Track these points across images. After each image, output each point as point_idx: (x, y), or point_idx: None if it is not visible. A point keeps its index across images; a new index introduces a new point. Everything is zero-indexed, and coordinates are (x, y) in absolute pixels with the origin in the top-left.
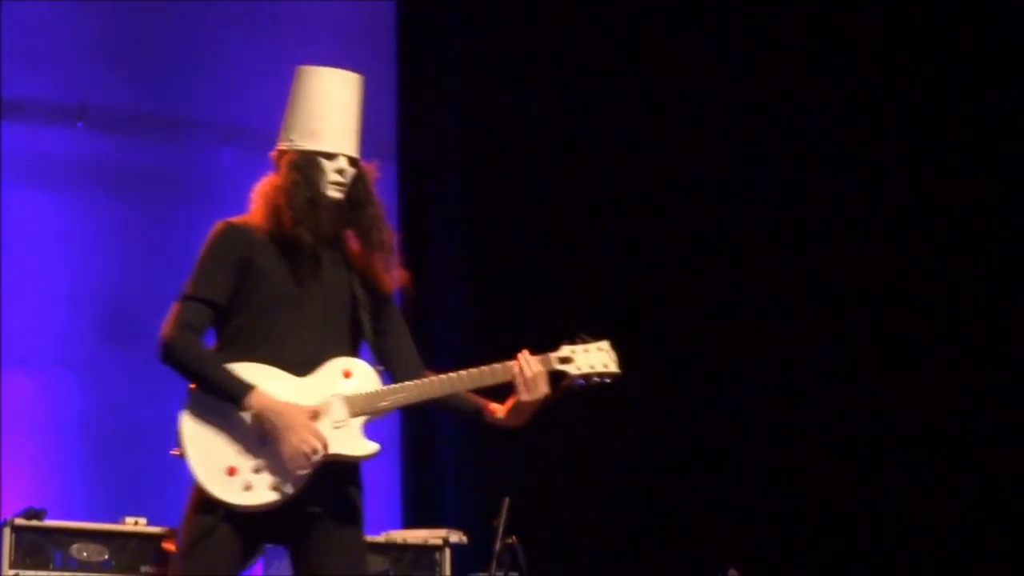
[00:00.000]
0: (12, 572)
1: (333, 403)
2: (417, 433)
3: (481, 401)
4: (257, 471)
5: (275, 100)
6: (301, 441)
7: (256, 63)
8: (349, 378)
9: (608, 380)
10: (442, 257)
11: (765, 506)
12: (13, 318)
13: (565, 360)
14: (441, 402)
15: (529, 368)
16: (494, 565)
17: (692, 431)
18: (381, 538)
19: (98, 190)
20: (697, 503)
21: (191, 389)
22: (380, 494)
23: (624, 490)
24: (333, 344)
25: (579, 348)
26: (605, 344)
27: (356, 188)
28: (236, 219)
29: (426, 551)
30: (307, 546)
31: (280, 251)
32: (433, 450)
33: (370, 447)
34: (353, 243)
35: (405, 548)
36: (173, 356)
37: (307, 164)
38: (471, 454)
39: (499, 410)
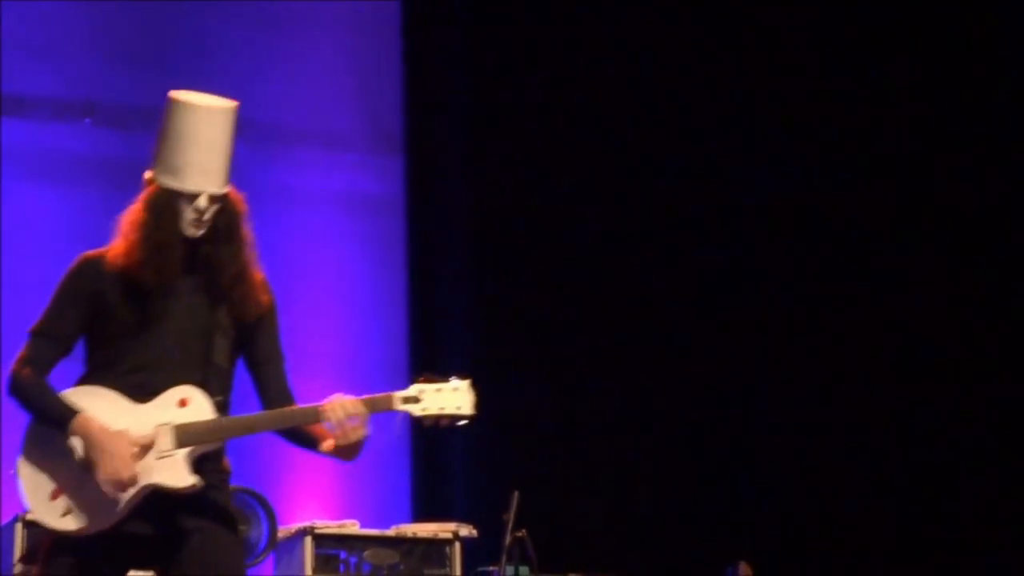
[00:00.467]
0: None
1: (160, 433)
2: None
3: (318, 433)
4: (79, 497)
5: (282, 94)
6: (113, 471)
7: (262, 57)
8: (184, 407)
9: (458, 423)
10: (449, 249)
11: (776, 499)
12: (18, 315)
13: (411, 400)
14: (287, 432)
15: (337, 414)
16: (504, 558)
17: (702, 424)
18: (391, 532)
19: (106, 186)
20: (708, 496)
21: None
22: (390, 488)
23: (634, 482)
24: (182, 372)
25: (430, 388)
26: (462, 384)
27: (219, 221)
28: (94, 252)
29: (436, 544)
30: (176, 568)
31: (129, 285)
32: (443, 444)
33: (188, 479)
34: (209, 272)
35: (415, 542)
36: (13, 390)
37: (163, 205)
38: (481, 448)
39: (331, 446)
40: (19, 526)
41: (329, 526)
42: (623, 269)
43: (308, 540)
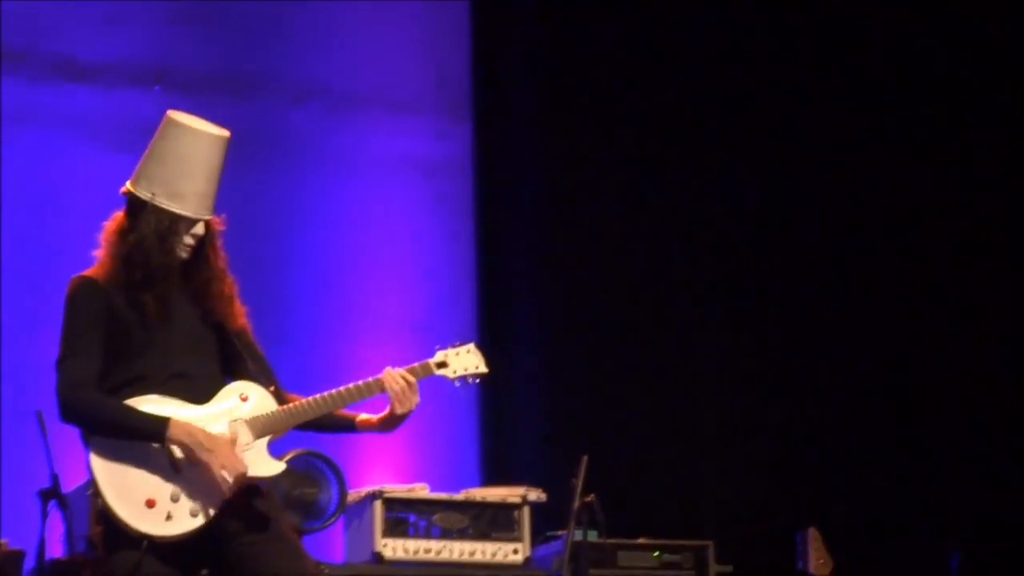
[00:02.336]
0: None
1: (236, 428)
2: (495, 392)
3: (349, 412)
4: (175, 499)
5: (350, 59)
6: (223, 466)
7: (331, 23)
8: (246, 401)
9: (478, 380)
10: (516, 212)
11: (846, 465)
12: None
13: (441, 365)
14: (316, 422)
15: (398, 383)
16: (572, 523)
17: (773, 389)
18: (460, 496)
19: None
20: (777, 461)
21: (90, 438)
22: (459, 453)
23: (703, 447)
24: (214, 373)
25: (451, 352)
26: (472, 346)
27: (203, 244)
28: (88, 273)
29: (505, 509)
30: (238, 563)
31: (134, 304)
32: (511, 408)
33: (277, 467)
34: (198, 289)
35: (484, 506)
36: (75, 413)
37: (169, 229)
38: (550, 412)
39: (372, 421)
40: (379, 503)
41: (398, 490)
42: (695, 230)
43: (378, 504)
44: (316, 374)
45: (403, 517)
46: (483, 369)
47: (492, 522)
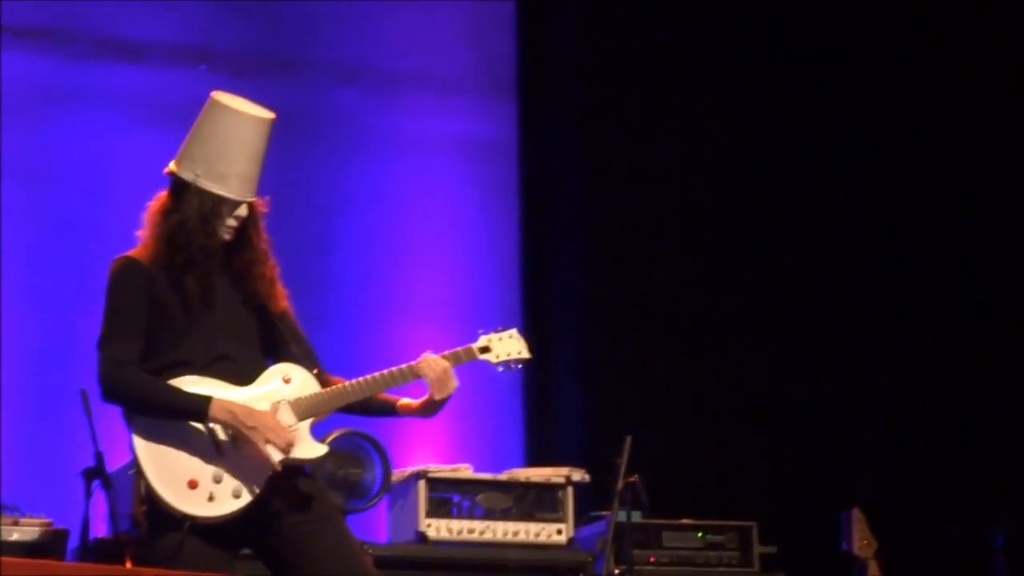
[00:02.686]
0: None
1: (279, 408)
2: (539, 373)
3: (390, 397)
4: (217, 480)
5: (397, 39)
6: (268, 440)
7: (377, 2)
8: (289, 383)
9: (520, 365)
10: (561, 194)
11: (891, 446)
12: None
13: (484, 350)
14: (358, 405)
15: (435, 369)
16: (616, 503)
17: (817, 369)
18: (504, 476)
19: None
20: (821, 442)
21: (134, 417)
22: (503, 433)
23: (747, 428)
24: (257, 355)
25: (495, 337)
26: (514, 331)
27: (246, 226)
28: (131, 253)
29: (549, 489)
30: (282, 544)
31: (176, 285)
32: (556, 389)
33: (320, 449)
34: (240, 270)
35: (528, 486)
36: (118, 392)
37: (212, 211)
38: (594, 392)
39: (412, 405)
40: (422, 483)
41: (442, 470)
42: (739, 215)
43: (422, 484)
44: (359, 356)
45: (447, 497)
46: (525, 355)
47: (536, 502)
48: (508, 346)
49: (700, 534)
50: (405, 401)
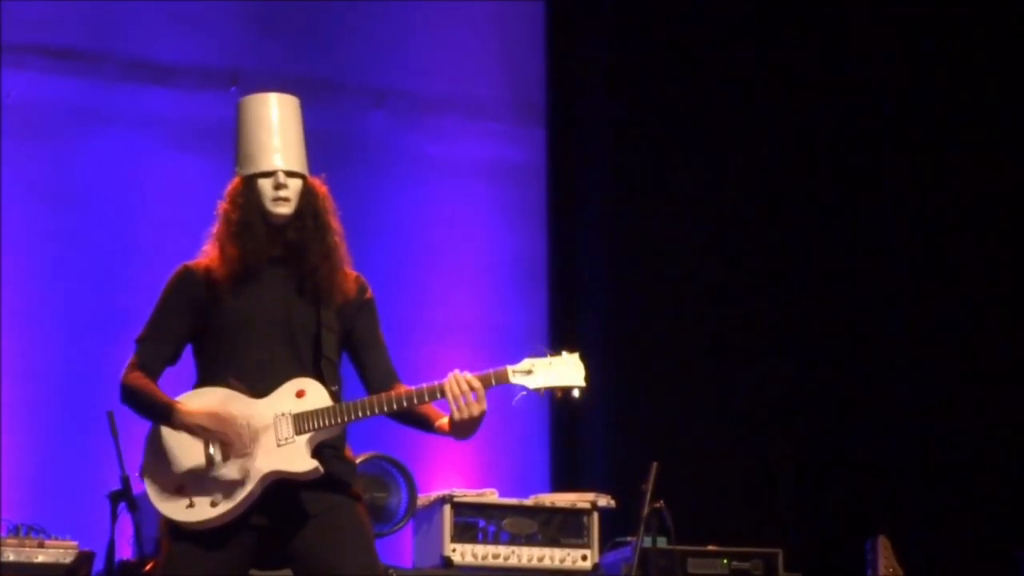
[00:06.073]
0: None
1: (279, 421)
2: (565, 397)
3: (432, 413)
4: (201, 488)
5: (426, 61)
6: (233, 437)
7: (405, 25)
8: (302, 397)
9: (575, 394)
10: (589, 218)
11: (916, 473)
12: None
13: (525, 373)
14: (399, 414)
15: (456, 390)
16: (642, 529)
17: (841, 395)
18: (529, 501)
19: None
20: (847, 469)
21: None
22: (529, 458)
23: (773, 454)
24: (293, 364)
25: (542, 361)
26: (574, 357)
27: (304, 201)
28: (193, 262)
29: (574, 514)
30: (294, 553)
31: (232, 283)
32: (582, 414)
33: (309, 464)
34: (299, 255)
35: (553, 511)
36: (121, 394)
37: (245, 189)
38: (620, 418)
39: (445, 425)
40: (447, 507)
41: (468, 494)
42: (767, 240)
43: (447, 508)
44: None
45: (472, 522)
46: (579, 383)
47: (561, 528)
48: (559, 371)
49: (725, 560)
50: (443, 420)
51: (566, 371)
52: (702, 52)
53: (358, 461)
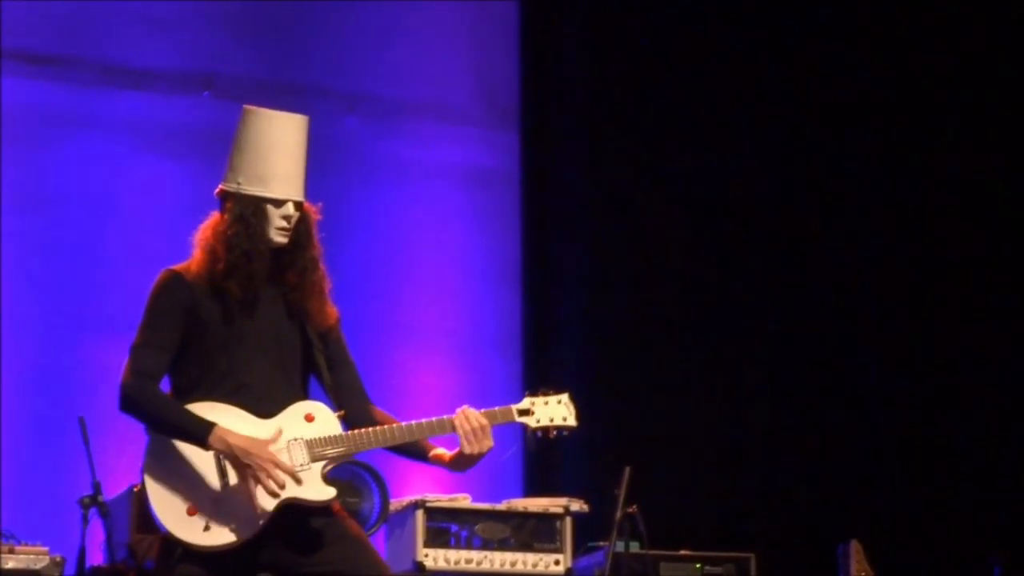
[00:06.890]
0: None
1: (294, 447)
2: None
3: (426, 443)
4: (216, 511)
5: (399, 66)
6: (268, 477)
7: (379, 30)
8: (311, 422)
9: (565, 433)
10: (563, 223)
11: (888, 478)
12: (141, 287)
13: (524, 412)
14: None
15: (470, 424)
16: (615, 534)
17: (814, 402)
18: (502, 506)
19: (225, 158)
20: (819, 473)
21: (150, 433)
22: (502, 463)
23: (745, 460)
24: (285, 384)
25: (539, 400)
26: (564, 397)
27: (298, 231)
28: (178, 266)
29: (547, 519)
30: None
31: (218, 298)
32: None
33: (327, 492)
34: (290, 280)
35: (526, 516)
36: (131, 403)
37: (254, 212)
38: (593, 423)
39: (444, 457)
40: (420, 512)
41: (440, 499)
42: (739, 244)
43: (420, 513)
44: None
45: (445, 527)
46: (571, 423)
47: (534, 532)
48: (553, 411)
49: (698, 565)
50: (439, 451)
51: (560, 411)
52: (677, 56)
53: (330, 467)
